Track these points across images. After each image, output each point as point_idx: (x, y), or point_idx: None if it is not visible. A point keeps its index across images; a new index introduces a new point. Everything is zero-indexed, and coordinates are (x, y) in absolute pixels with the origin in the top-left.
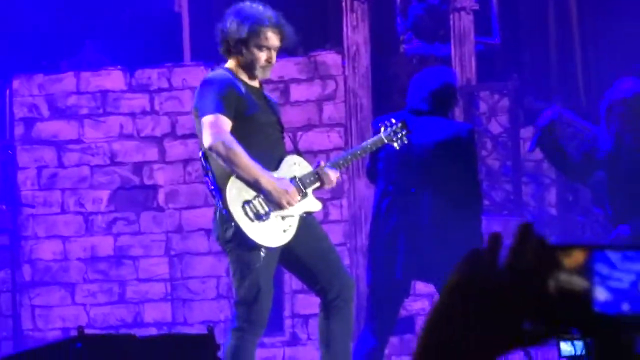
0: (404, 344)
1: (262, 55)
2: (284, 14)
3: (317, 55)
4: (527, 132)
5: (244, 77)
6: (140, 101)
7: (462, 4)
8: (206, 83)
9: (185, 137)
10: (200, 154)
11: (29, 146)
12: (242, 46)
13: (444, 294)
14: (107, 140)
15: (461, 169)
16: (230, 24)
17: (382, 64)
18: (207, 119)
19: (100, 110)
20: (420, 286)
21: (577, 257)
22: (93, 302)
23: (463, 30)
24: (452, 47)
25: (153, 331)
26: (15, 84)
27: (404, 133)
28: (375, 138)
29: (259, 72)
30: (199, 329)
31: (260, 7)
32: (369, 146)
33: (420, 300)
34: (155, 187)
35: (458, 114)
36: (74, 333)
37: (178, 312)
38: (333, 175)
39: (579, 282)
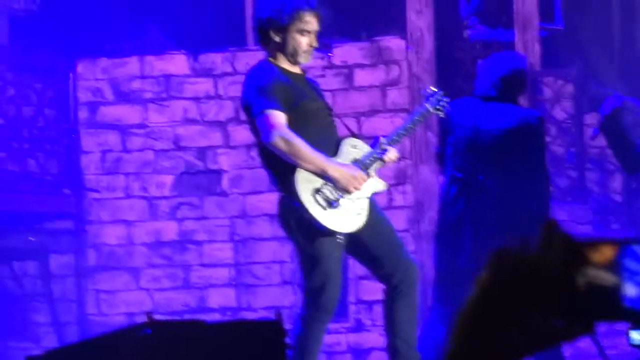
0: None
1: (304, 40)
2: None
3: (381, 41)
4: (591, 119)
5: (286, 65)
6: (204, 85)
7: None
8: (251, 79)
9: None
10: (258, 150)
11: (93, 130)
12: (283, 33)
13: (474, 292)
14: (171, 125)
15: (530, 155)
16: (268, 13)
17: (446, 49)
18: (262, 116)
19: (164, 95)
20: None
21: (606, 253)
22: (157, 287)
23: (527, 15)
24: (516, 32)
25: (217, 317)
26: (80, 67)
27: (446, 101)
28: (422, 110)
29: (301, 58)
30: (263, 315)
31: None
32: (417, 118)
33: None
34: (219, 172)
35: (522, 100)
36: (138, 318)
37: (242, 297)
38: (393, 152)
39: (608, 278)
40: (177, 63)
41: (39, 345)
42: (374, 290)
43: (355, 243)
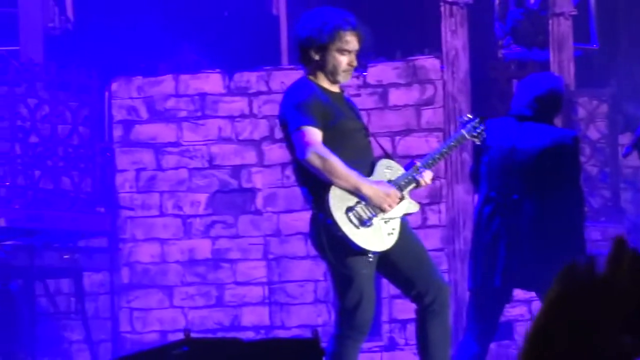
0: (502, 349)
1: (344, 60)
2: (383, 19)
3: (416, 60)
4: (625, 139)
5: (325, 84)
6: (238, 104)
7: (561, 9)
8: (290, 95)
9: (283, 140)
10: (292, 166)
11: (127, 148)
12: (323, 52)
13: (543, 308)
14: (205, 143)
15: (565, 176)
16: (309, 31)
17: (481, 69)
18: (297, 133)
19: (199, 113)
20: (519, 292)
21: None
22: (191, 305)
23: (562, 35)
24: (551, 52)
25: (250, 335)
26: (114, 86)
27: (482, 128)
28: (457, 135)
29: (341, 77)
30: (296, 333)
31: (336, 11)
32: (453, 144)
33: (519, 306)
34: (253, 191)
35: (556, 120)
36: (171, 336)
37: (276, 315)
38: (428, 175)
39: None
40: (212, 82)
41: None
42: (407, 309)
43: (386, 263)
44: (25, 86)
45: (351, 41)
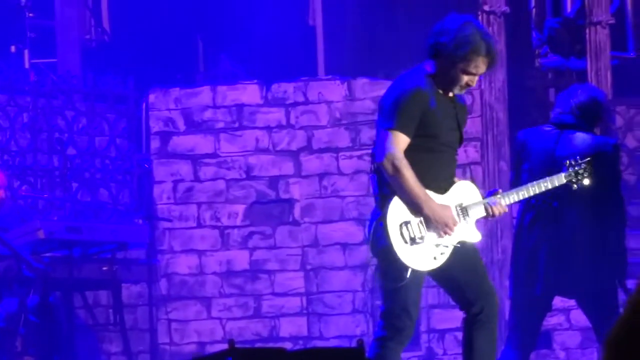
0: (540, 358)
1: (465, 78)
2: (423, 28)
3: None
4: None
5: (439, 87)
6: (276, 115)
7: (598, 18)
8: (399, 86)
9: (321, 151)
10: (372, 151)
11: (165, 160)
12: (449, 64)
13: (625, 313)
14: (243, 154)
15: (605, 183)
16: (448, 39)
17: (518, 78)
18: (384, 132)
19: (236, 124)
20: (557, 300)
21: None
22: (229, 316)
23: (599, 44)
24: (588, 61)
25: (289, 346)
26: (152, 97)
27: (585, 175)
28: (554, 177)
29: (455, 90)
30: (334, 344)
31: (481, 31)
32: (547, 184)
33: (557, 315)
34: (291, 201)
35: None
36: (210, 347)
37: (314, 326)
38: (500, 209)
39: None
40: (249, 93)
41: None
42: (446, 319)
43: (440, 270)
44: (62, 98)
45: (480, 66)
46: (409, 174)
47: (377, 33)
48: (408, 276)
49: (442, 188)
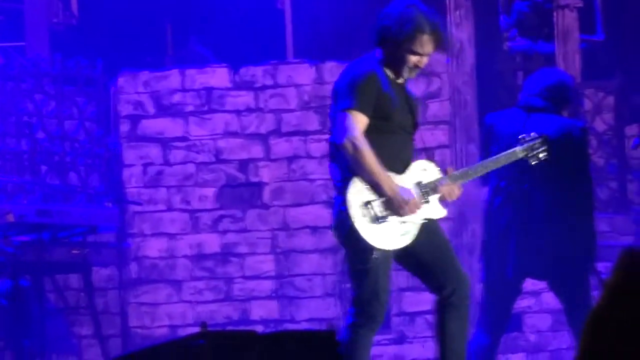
0: (510, 341)
1: (413, 59)
2: (386, 10)
3: None
4: (632, 130)
5: (390, 72)
6: (245, 98)
7: (566, 1)
8: (352, 69)
9: (290, 134)
10: (329, 139)
11: (134, 143)
12: (395, 46)
13: (602, 296)
14: (212, 138)
15: (574, 166)
16: (391, 21)
17: (486, 61)
18: (342, 114)
19: (205, 108)
20: (527, 283)
21: None
22: (199, 299)
23: (567, 27)
24: (556, 44)
25: (260, 329)
26: (121, 81)
27: (541, 150)
28: (509, 152)
29: (405, 73)
30: (305, 327)
31: (424, 10)
32: (502, 159)
33: (527, 298)
34: (260, 185)
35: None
36: (180, 331)
37: (285, 309)
38: (447, 188)
39: None
40: (218, 76)
41: (81, 358)
42: (416, 302)
43: (407, 254)
44: (31, 82)
45: (426, 45)
46: (369, 154)
47: (346, 17)
48: (375, 256)
49: (400, 168)
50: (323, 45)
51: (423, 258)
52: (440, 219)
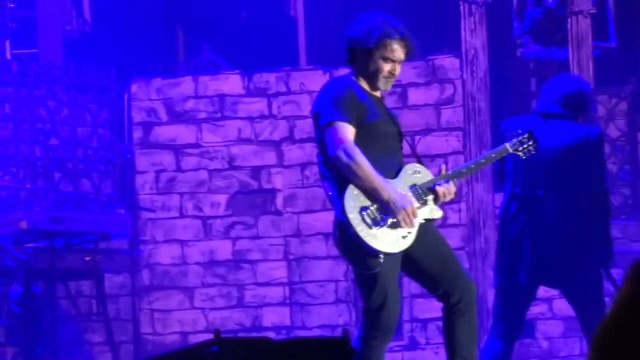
0: (523, 347)
1: (386, 67)
2: (402, 18)
3: (435, 59)
4: None
5: (366, 86)
6: (258, 105)
7: (579, 8)
8: (328, 88)
9: (303, 140)
10: (317, 159)
11: (147, 150)
12: (366, 56)
13: (614, 307)
14: (225, 145)
15: (589, 172)
16: (357, 33)
17: (500, 68)
18: (329, 127)
19: (219, 115)
20: (539, 290)
21: None
22: (211, 306)
23: (580, 33)
24: (570, 50)
25: (271, 335)
26: (134, 87)
27: (530, 143)
28: (500, 148)
29: (380, 83)
30: (317, 333)
31: (388, 19)
32: (493, 156)
33: (539, 304)
34: (273, 191)
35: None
36: (192, 337)
37: (296, 316)
38: (443, 189)
39: None
40: (231, 83)
41: None
42: (428, 308)
43: (411, 262)
44: (44, 89)
45: (397, 50)
46: (362, 160)
47: None
48: (382, 261)
49: (392, 174)
50: (336, 52)
51: (428, 267)
52: (453, 225)
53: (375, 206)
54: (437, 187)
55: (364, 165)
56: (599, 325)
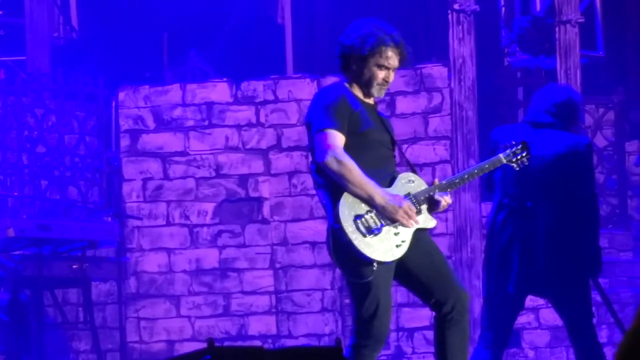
0: (509, 357)
1: (380, 74)
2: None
3: (423, 68)
4: (632, 146)
5: (359, 93)
6: (245, 113)
7: (567, 17)
8: (320, 96)
9: (290, 149)
10: (310, 167)
11: (134, 158)
12: (361, 63)
13: (636, 321)
14: (212, 153)
15: (578, 182)
16: (352, 40)
17: (487, 77)
18: (320, 134)
19: (206, 122)
20: (527, 299)
21: None
22: (198, 314)
23: (568, 43)
24: (558, 60)
25: (257, 344)
26: (121, 95)
27: (524, 155)
28: (493, 158)
29: (374, 91)
30: (303, 342)
31: (383, 26)
32: (487, 166)
33: (526, 314)
34: (260, 200)
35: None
36: (178, 346)
37: (283, 325)
38: (440, 200)
39: None
40: (218, 91)
41: None
42: (415, 317)
43: (404, 271)
44: (32, 96)
45: (391, 58)
46: (354, 168)
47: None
48: (375, 269)
49: (385, 182)
50: (323, 60)
51: (421, 275)
52: (440, 235)
53: (369, 214)
54: (438, 198)
55: (353, 170)
56: (623, 337)
